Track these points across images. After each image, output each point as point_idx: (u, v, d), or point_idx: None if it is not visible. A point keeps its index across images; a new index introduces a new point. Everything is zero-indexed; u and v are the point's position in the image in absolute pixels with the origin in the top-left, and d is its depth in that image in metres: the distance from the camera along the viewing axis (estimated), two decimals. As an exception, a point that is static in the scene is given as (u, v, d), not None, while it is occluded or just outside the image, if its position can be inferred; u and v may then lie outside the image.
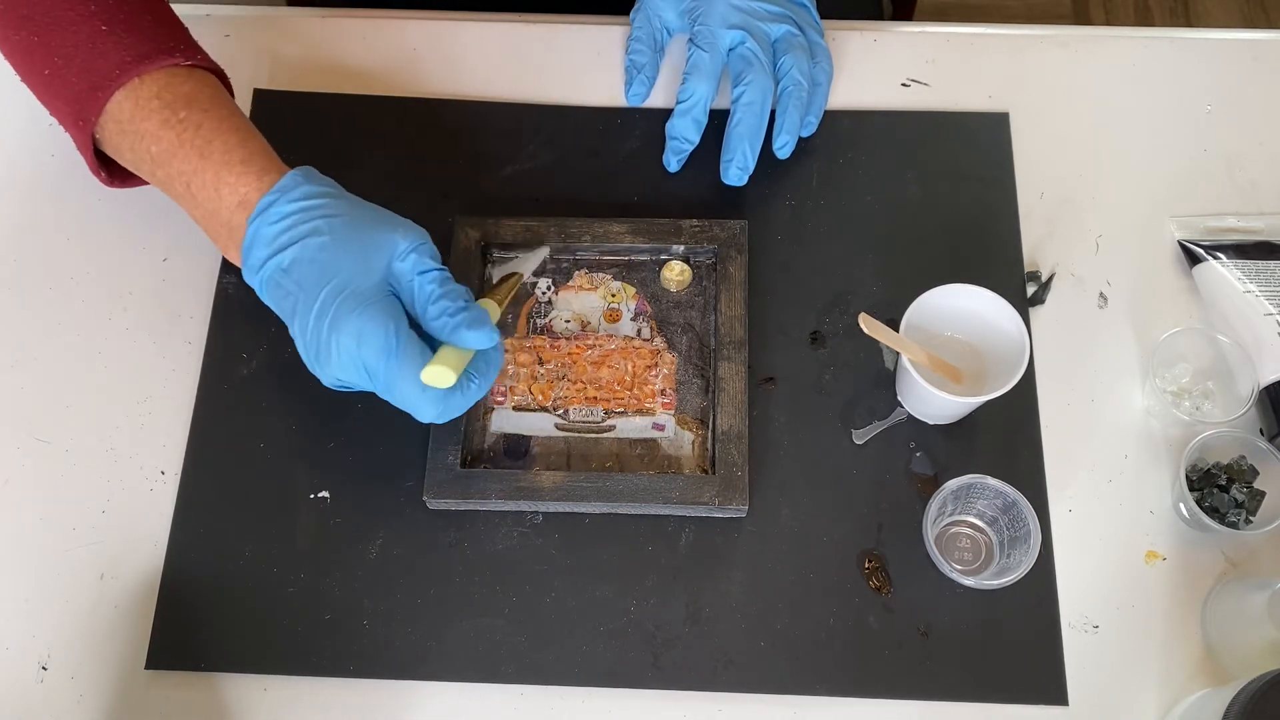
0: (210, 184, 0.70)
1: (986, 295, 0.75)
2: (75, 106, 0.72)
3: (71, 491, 0.77)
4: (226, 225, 0.70)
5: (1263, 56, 0.91)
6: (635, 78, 0.88)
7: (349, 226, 0.68)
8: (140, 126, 0.71)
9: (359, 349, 0.65)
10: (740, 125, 0.82)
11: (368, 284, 0.66)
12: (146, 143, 0.71)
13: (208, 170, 0.70)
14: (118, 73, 0.70)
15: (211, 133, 0.70)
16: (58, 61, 0.72)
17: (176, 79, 0.72)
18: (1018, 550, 0.72)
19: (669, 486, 0.74)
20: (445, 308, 0.66)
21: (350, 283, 0.66)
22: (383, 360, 0.65)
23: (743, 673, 0.72)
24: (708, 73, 0.83)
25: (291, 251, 0.67)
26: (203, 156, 0.70)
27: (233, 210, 0.69)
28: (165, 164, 0.71)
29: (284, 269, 0.67)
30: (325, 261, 0.66)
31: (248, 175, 0.69)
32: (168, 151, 0.70)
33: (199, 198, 0.70)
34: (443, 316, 0.66)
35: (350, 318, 0.65)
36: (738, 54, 0.83)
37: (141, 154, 0.72)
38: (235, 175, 0.69)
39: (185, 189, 0.71)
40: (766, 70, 0.82)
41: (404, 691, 0.72)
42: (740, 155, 0.82)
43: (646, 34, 0.87)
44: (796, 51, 0.83)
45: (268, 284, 0.68)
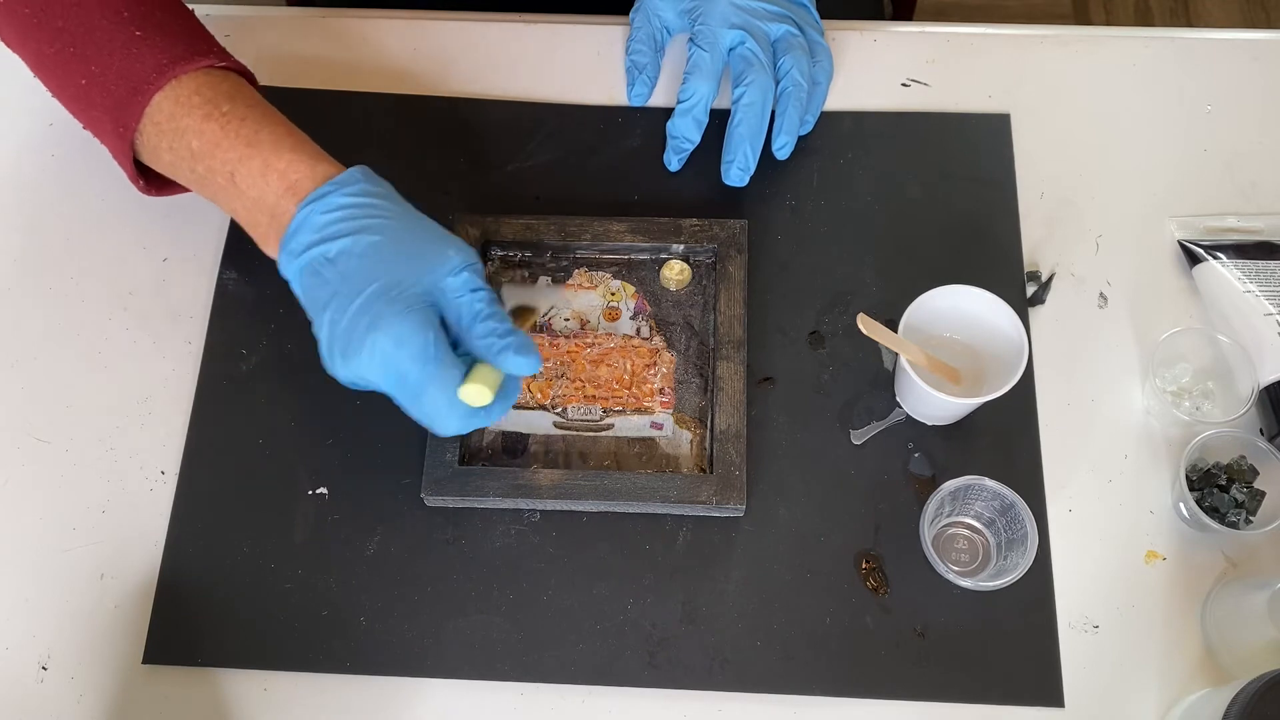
0: (257, 171, 0.69)
1: (985, 296, 0.75)
2: (114, 113, 0.72)
3: (71, 491, 0.77)
4: (270, 211, 0.69)
5: (1263, 56, 0.90)
6: (637, 78, 0.88)
7: (404, 231, 0.67)
8: (181, 123, 0.71)
9: (396, 351, 0.64)
10: (741, 125, 0.82)
11: (413, 291, 0.65)
12: (188, 138, 0.71)
13: (255, 158, 0.69)
14: (155, 75, 0.71)
15: (258, 124, 0.70)
16: (94, 70, 0.72)
17: (214, 78, 0.72)
18: (1015, 552, 0.72)
19: (667, 485, 0.74)
20: (494, 328, 0.65)
21: (397, 286, 0.65)
22: (418, 366, 0.64)
23: (738, 672, 0.72)
24: (708, 72, 0.83)
25: (340, 243, 0.66)
26: (250, 145, 0.69)
27: (280, 195, 0.68)
28: (207, 156, 0.70)
29: (329, 258, 0.66)
30: (375, 260, 0.66)
31: (299, 163, 0.69)
32: (211, 143, 0.70)
33: (242, 186, 0.69)
34: (490, 337, 0.65)
35: (393, 319, 0.64)
36: (738, 54, 0.83)
37: (181, 151, 0.71)
38: (285, 162, 0.69)
39: (229, 180, 0.70)
40: (767, 70, 0.82)
41: (401, 688, 0.72)
42: (741, 156, 0.82)
43: (646, 34, 0.87)
44: (796, 51, 0.83)
45: (306, 270, 0.67)
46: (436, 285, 0.66)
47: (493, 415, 0.67)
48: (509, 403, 0.67)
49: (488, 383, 0.65)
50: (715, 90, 0.84)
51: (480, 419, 0.66)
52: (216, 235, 0.84)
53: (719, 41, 0.83)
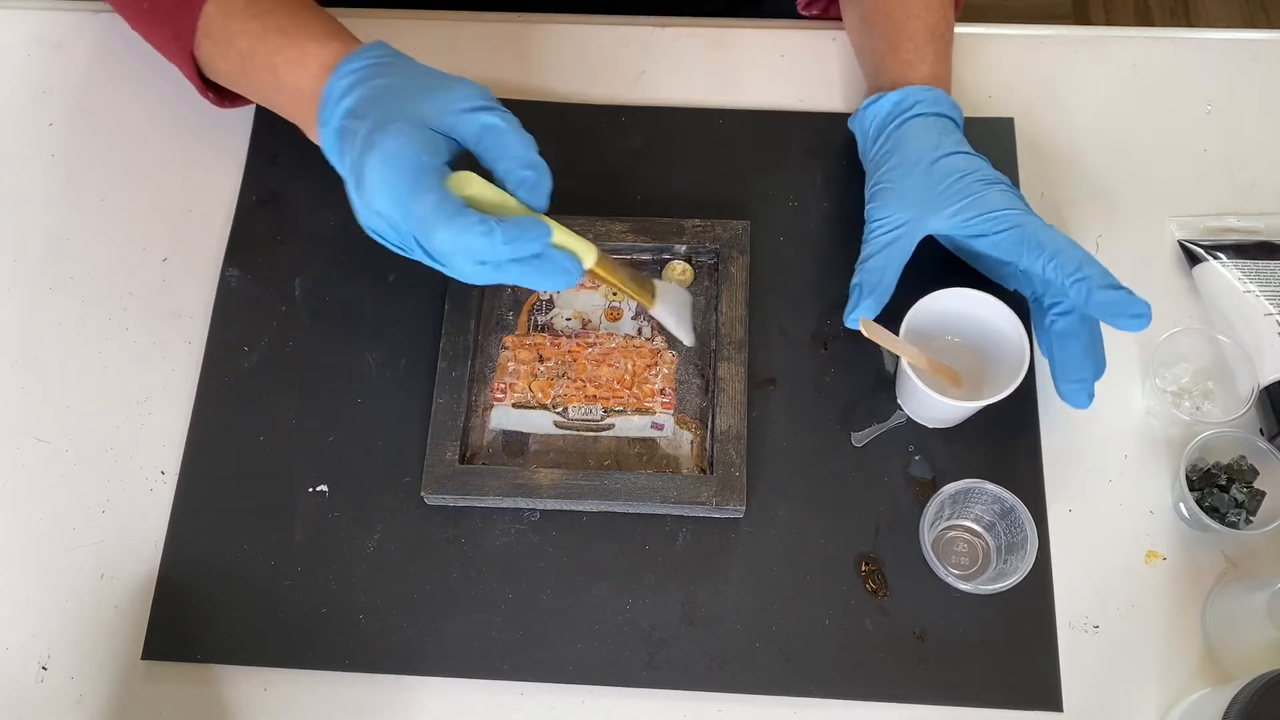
0: (295, 59, 0.71)
1: (987, 299, 0.74)
2: (173, 28, 0.75)
3: (71, 491, 0.77)
4: (310, 95, 0.70)
5: (1263, 56, 0.90)
6: (864, 300, 0.75)
7: (417, 76, 0.68)
8: (230, 28, 0.74)
9: (387, 169, 0.63)
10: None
11: (412, 116, 0.65)
12: (236, 41, 0.74)
13: (291, 47, 0.71)
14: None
15: (293, 14, 0.73)
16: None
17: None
18: (1015, 556, 0.72)
19: (667, 486, 0.74)
20: (502, 142, 0.65)
21: (398, 114, 0.65)
22: (407, 177, 0.63)
23: (737, 673, 0.72)
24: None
25: (356, 92, 0.67)
26: (286, 35, 0.71)
27: (316, 77, 0.70)
28: (253, 56, 0.73)
29: (351, 111, 0.67)
30: (382, 98, 0.66)
31: (332, 44, 0.70)
32: (254, 41, 0.73)
33: (284, 77, 0.71)
34: (497, 147, 0.65)
35: (384, 138, 0.64)
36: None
37: (231, 57, 0.74)
38: (319, 45, 0.70)
39: (273, 75, 0.72)
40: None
41: (400, 687, 0.72)
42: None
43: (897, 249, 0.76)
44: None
45: (336, 134, 0.67)
46: (443, 111, 0.66)
47: (495, 239, 0.61)
48: (522, 237, 0.62)
49: (483, 187, 0.64)
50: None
51: (485, 241, 0.62)
52: (217, 235, 0.84)
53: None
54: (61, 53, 0.92)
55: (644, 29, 0.92)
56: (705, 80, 0.90)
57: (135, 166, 0.87)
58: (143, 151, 0.88)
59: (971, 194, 0.74)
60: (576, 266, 0.65)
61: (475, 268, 0.64)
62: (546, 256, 0.64)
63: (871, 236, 0.76)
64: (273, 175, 0.86)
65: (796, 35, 0.92)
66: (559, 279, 0.65)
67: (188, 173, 0.87)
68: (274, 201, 0.85)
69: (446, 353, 0.77)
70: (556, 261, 0.64)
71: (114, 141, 0.88)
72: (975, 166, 0.75)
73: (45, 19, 0.93)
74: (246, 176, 0.86)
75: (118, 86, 0.90)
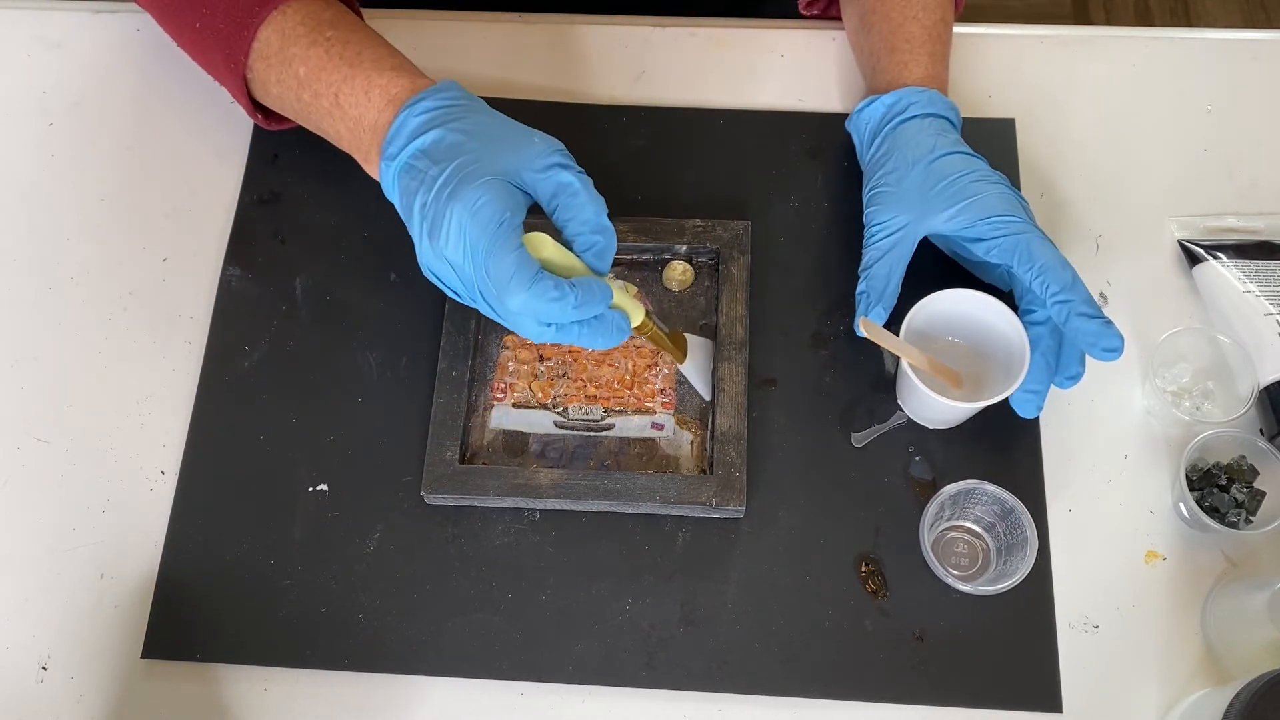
0: (360, 89, 0.71)
1: (987, 300, 0.74)
2: (226, 51, 0.75)
3: (71, 491, 0.77)
4: (372, 127, 0.70)
5: (1263, 56, 0.90)
6: (873, 307, 0.75)
7: (492, 125, 0.68)
8: (288, 52, 0.73)
9: (471, 221, 0.63)
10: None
11: (494, 168, 0.65)
12: (295, 66, 0.73)
13: (358, 77, 0.71)
14: (259, 8, 0.74)
15: (360, 46, 0.72)
16: (204, 12, 0.75)
17: (316, 7, 0.75)
18: (1015, 557, 0.72)
19: (667, 486, 0.74)
20: (572, 204, 0.66)
21: (481, 160, 0.66)
22: (487, 234, 0.63)
23: (737, 674, 0.72)
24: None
25: (432, 134, 0.67)
26: (353, 66, 0.71)
27: (381, 109, 0.70)
28: (313, 82, 0.73)
29: (422, 150, 0.67)
30: (462, 143, 0.66)
31: (400, 78, 0.70)
32: (316, 68, 0.72)
33: (345, 105, 0.71)
34: (569, 209, 0.66)
35: (470, 190, 0.64)
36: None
37: (288, 81, 0.74)
38: (387, 79, 0.70)
39: (333, 102, 0.72)
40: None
41: (400, 686, 0.72)
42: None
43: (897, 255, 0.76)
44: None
45: (403, 171, 0.67)
46: (523, 166, 0.66)
47: (566, 302, 0.63)
48: (590, 302, 0.64)
49: (554, 249, 0.65)
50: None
51: (551, 303, 0.63)
52: (217, 235, 0.84)
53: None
54: (61, 53, 0.92)
55: (644, 29, 0.92)
56: (705, 80, 0.90)
57: (135, 166, 0.87)
58: (143, 151, 0.88)
59: (970, 195, 0.74)
60: (627, 326, 0.67)
61: (539, 327, 0.65)
62: (604, 318, 0.66)
63: (872, 241, 0.76)
64: (273, 175, 0.86)
65: (796, 35, 0.92)
66: (612, 339, 0.67)
67: (188, 173, 0.87)
68: (274, 201, 0.85)
69: (446, 352, 0.77)
70: (613, 323, 0.66)
71: (114, 141, 0.88)
72: (973, 166, 0.75)
73: (45, 19, 0.93)
74: (246, 176, 0.86)
75: (118, 86, 0.90)
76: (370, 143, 0.70)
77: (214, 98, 0.88)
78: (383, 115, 0.69)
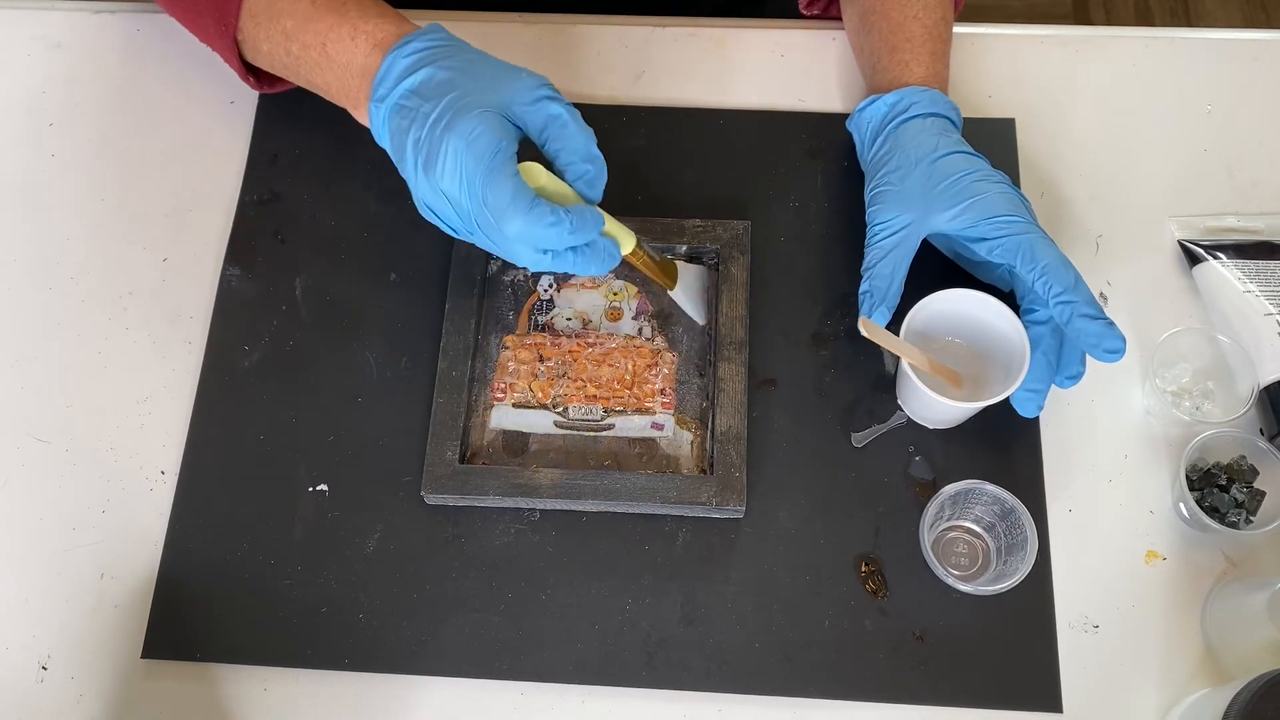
0: (347, 35, 0.71)
1: (987, 300, 0.74)
2: (216, 12, 0.76)
3: (71, 491, 0.77)
4: (360, 71, 0.71)
5: (1263, 56, 0.90)
6: (876, 308, 0.75)
7: (480, 62, 0.70)
8: (276, 6, 0.74)
9: (466, 151, 0.65)
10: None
11: (487, 100, 0.67)
12: (282, 20, 0.74)
13: (344, 24, 0.72)
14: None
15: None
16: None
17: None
18: (1015, 557, 0.72)
19: (667, 486, 0.74)
20: (565, 135, 0.67)
21: (471, 96, 0.67)
22: (484, 164, 0.64)
23: (737, 674, 0.72)
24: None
25: (421, 73, 0.68)
26: (338, 14, 0.72)
27: (368, 53, 0.71)
28: (300, 34, 0.73)
29: (412, 89, 0.68)
30: (452, 79, 0.68)
31: (385, 23, 0.71)
32: (303, 19, 0.73)
33: (333, 54, 0.72)
34: (560, 141, 0.67)
35: (465, 120, 0.65)
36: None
37: (277, 36, 0.75)
38: (372, 24, 0.71)
39: (321, 53, 0.73)
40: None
41: (400, 686, 0.72)
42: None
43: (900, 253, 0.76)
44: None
45: (393, 111, 0.68)
46: (513, 101, 0.67)
47: (562, 227, 0.65)
48: (584, 227, 0.66)
49: (548, 178, 0.66)
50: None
51: (554, 231, 0.64)
52: (217, 235, 0.84)
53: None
54: (61, 53, 0.92)
55: (644, 29, 0.92)
56: (705, 80, 0.90)
57: (135, 166, 0.87)
58: (143, 151, 0.88)
59: (974, 195, 0.74)
60: (618, 252, 0.69)
61: (535, 255, 0.66)
62: (595, 244, 0.68)
63: (875, 241, 0.76)
64: (273, 175, 0.86)
65: (796, 35, 0.92)
66: (603, 264, 0.68)
67: (188, 173, 0.87)
68: (274, 201, 0.85)
69: (447, 352, 0.77)
70: (604, 249, 0.68)
71: (114, 142, 0.88)
72: (975, 166, 0.75)
73: (45, 19, 0.93)
74: (246, 176, 0.86)
75: (118, 86, 0.90)
76: (359, 88, 0.71)
77: (214, 98, 0.88)
78: (370, 59, 0.70)
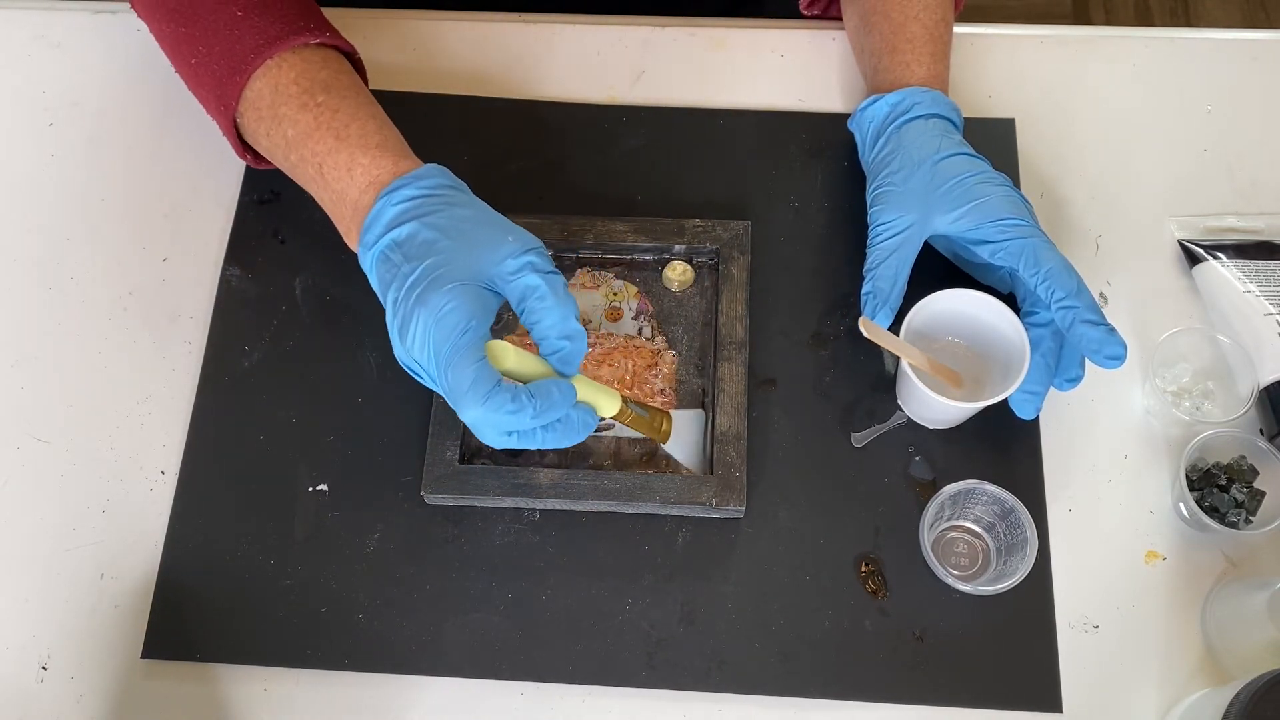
0: (344, 165, 0.70)
1: (987, 300, 0.74)
2: (217, 92, 0.75)
3: (71, 491, 0.77)
4: (353, 205, 0.70)
5: (1263, 56, 0.90)
6: (880, 309, 0.75)
7: (469, 220, 0.67)
8: (279, 110, 0.73)
9: (435, 327, 0.63)
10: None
11: (465, 271, 0.65)
12: (284, 126, 0.73)
13: (342, 151, 0.70)
14: (253, 55, 0.73)
15: (349, 117, 0.72)
16: (201, 50, 0.75)
17: (313, 65, 0.74)
18: (1015, 557, 0.72)
19: (667, 486, 0.73)
20: (540, 308, 0.65)
21: (449, 265, 0.65)
22: (450, 340, 0.63)
23: (737, 674, 0.72)
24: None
25: (408, 227, 0.66)
26: (339, 139, 0.71)
27: (362, 190, 0.69)
28: (300, 146, 0.72)
29: (398, 242, 0.67)
30: (435, 241, 0.66)
31: (383, 160, 0.70)
32: (304, 133, 0.72)
33: (329, 179, 0.71)
34: (537, 313, 0.65)
35: (436, 295, 0.64)
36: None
37: (277, 139, 0.74)
38: (370, 158, 0.70)
39: (318, 171, 0.71)
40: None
41: (400, 686, 0.72)
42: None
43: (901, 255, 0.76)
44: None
45: (379, 260, 0.67)
46: (494, 269, 0.66)
47: (523, 413, 0.63)
48: (549, 409, 0.63)
49: (517, 358, 0.64)
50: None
51: (514, 418, 0.62)
52: (217, 235, 0.84)
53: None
54: (61, 53, 0.92)
55: (644, 29, 0.92)
56: (705, 80, 0.90)
57: (135, 166, 0.87)
58: (143, 151, 0.88)
59: (976, 197, 0.74)
60: (594, 420, 0.67)
61: (501, 436, 0.64)
62: (567, 419, 0.65)
63: (877, 241, 0.76)
64: (273, 175, 0.85)
65: (796, 35, 0.92)
66: (577, 436, 0.66)
67: (188, 173, 0.87)
68: (274, 201, 0.85)
69: (446, 353, 0.77)
70: (577, 422, 0.66)
71: (114, 141, 0.88)
72: (977, 168, 0.75)
73: (45, 19, 0.93)
74: (246, 176, 0.86)
75: (118, 86, 0.90)
76: (351, 220, 0.70)
77: (214, 98, 0.88)
78: (364, 196, 0.69)
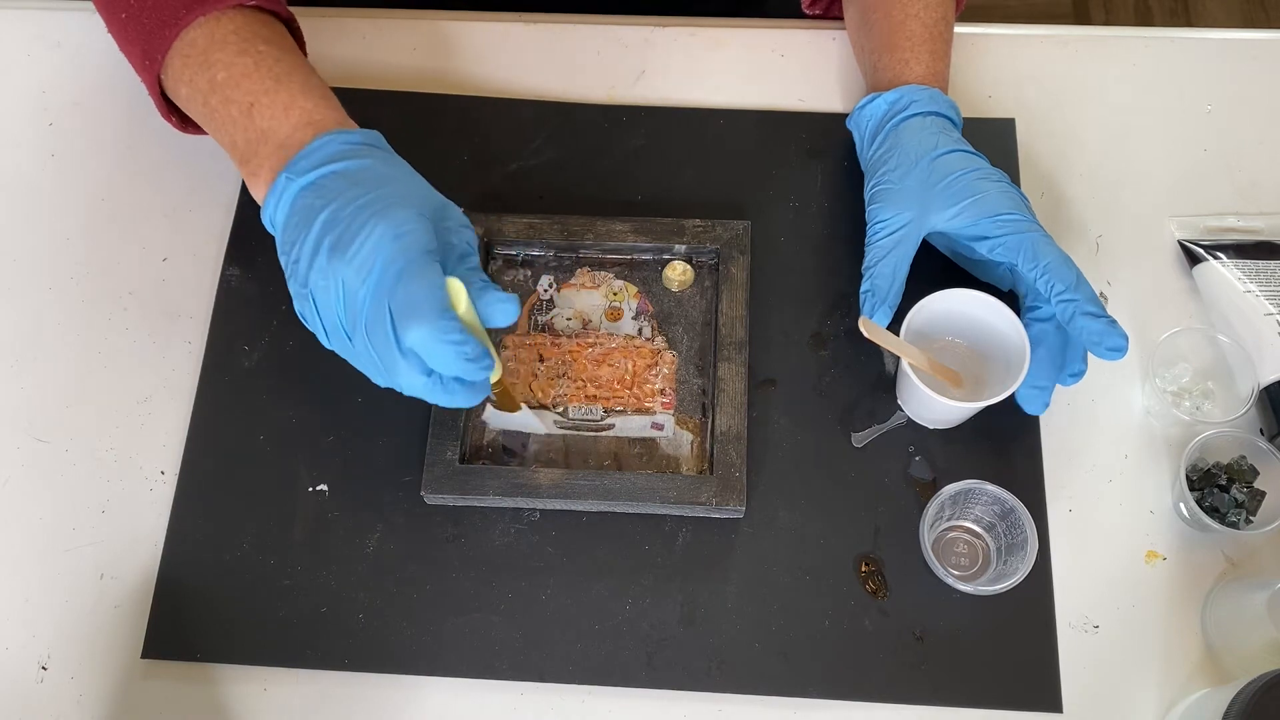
0: (281, 104, 0.69)
1: (987, 300, 0.74)
2: (144, 45, 0.73)
3: (71, 491, 0.77)
4: (279, 143, 0.68)
5: (1263, 56, 0.90)
6: (878, 308, 0.75)
7: (417, 175, 0.68)
8: (212, 56, 0.71)
9: (394, 240, 0.61)
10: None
11: (429, 205, 0.65)
12: (214, 70, 0.71)
13: (281, 92, 0.69)
14: (184, 11, 0.71)
15: (292, 66, 0.71)
16: (133, 3, 0.73)
17: (254, 23, 0.73)
18: (1015, 557, 0.72)
19: (667, 486, 0.73)
20: (478, 267, 0.66)
21: (409, 195, 0.65)
22: (408, 255, 0.61)
23: (737, 674, 0.72)
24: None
25: (361, 162, 0.66)
26: (279, 81, 0.69)
27: (297, 128, 0.68)
28: (227, 88, 0.70)
29: (340, 172, 0.65)
30: (390, 175, 0.66)
31: (327, 110, 0.69)
32: (238, 74, 0.70)
33: (256, 116, 0.69)
34: (474, 274, 0.65)
35: (401, 210, 0.63)
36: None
37: (200, 83, 0.71)
38: (313, 104, 0.69)
39: (243, 110, 0.69)
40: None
41: (400, 686, 0.72)
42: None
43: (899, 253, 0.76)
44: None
45: (309, 187, 0.65)
46: (449, 218, 0.66)
47: (464, 351, 0.61)
48: (478, 362, 0.61)
49: (470, 310, 0.64)
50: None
51: (453, 350, 0.60)
52: (217, 234, 0.84)
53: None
54: (61, 53, 0.92)
55: (644, 29, 0.92)
56: (705, 80, 0.90)
57: (135, 166, 0.87)
58: (143, 151, 0.88)
59: (973, 193, 0.74)
60: (485, 392, 0.66)
61: (416, 375, 0.62)
62: (476, 386, 0.64)
63: (876, 239, 0.76)
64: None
65: (796, 35, 0.92)
66: (474, 399, 0.64)
67: (188, 173, 0.87)
68: (274, 201, 0.85)
69: (446, 353, 0.77)
70: (478, 390, 0.64)
71: (114, 141, 0.88)
72: (975, 164, 0.75)
73: (45, 19, 0.93)
74: (246, 176, 0.86)
75: (118, 86, 0.90)
76: (268, 156, 0.68)
77: (214, 98, 0.88)
78: (297, 134, 0.68)
